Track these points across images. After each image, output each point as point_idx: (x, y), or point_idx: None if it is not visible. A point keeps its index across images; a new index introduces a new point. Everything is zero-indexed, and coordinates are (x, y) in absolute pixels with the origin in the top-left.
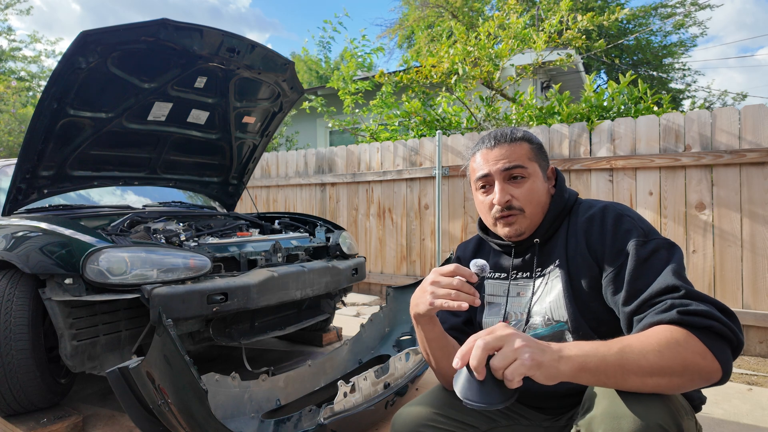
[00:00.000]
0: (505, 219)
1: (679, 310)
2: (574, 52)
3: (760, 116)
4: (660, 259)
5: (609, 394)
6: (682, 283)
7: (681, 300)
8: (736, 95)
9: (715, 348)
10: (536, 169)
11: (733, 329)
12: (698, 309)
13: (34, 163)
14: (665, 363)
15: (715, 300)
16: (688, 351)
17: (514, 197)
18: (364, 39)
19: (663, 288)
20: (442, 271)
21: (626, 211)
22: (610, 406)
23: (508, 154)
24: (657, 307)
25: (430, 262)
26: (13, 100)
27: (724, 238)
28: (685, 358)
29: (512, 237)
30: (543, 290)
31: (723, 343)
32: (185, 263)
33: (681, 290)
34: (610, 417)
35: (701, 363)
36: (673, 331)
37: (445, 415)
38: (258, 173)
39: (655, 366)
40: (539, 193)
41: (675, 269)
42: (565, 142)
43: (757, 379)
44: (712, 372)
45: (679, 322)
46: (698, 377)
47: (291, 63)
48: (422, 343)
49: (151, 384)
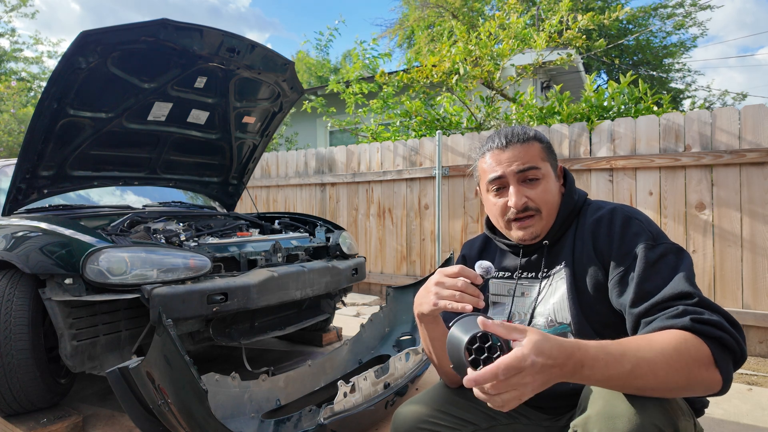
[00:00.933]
0: (521, 222)
1: (692, 317)
2: (574, 52)
3: (760, 116)
4: (668, 263)
5: (605, 394)
6: (695, 290)
7: (694, 308)
8: (736, 95)
9: (721, 360)
10: (549, 169)
11: (740, 342)
12: (711, 319)
13: (34, 163)
14: (671, 378)
15: (724, 310)
16: (695, 363)
17: (530, 199)
18: (374, 42)
19: (676, 293)
20: (446, 271)
21: (635, 214)
22: (605, 407)
23: (522, 155)
24: (669, 312)
25: (430, 262)
26: (13, 100)
27: (724, 238)
28: (690, 370)
29: (527, 240)
30: (547, 291)
31: (728, 356)
32: (185, 263)
33: (694, 297)
34: (605, 417)
35: (704, 375)
36: (685, 338)
37: (445, 412)
38: (258, 173)
39: (661, 382)
40: (553, 194)
41: (687, 276)
42: (565, 142)
43: (757, 379)
44: (713, 384)
45: (692, 329)
46: (700, 388)
47: (291, 63)
48: (425, 342)
49: (151, 384)
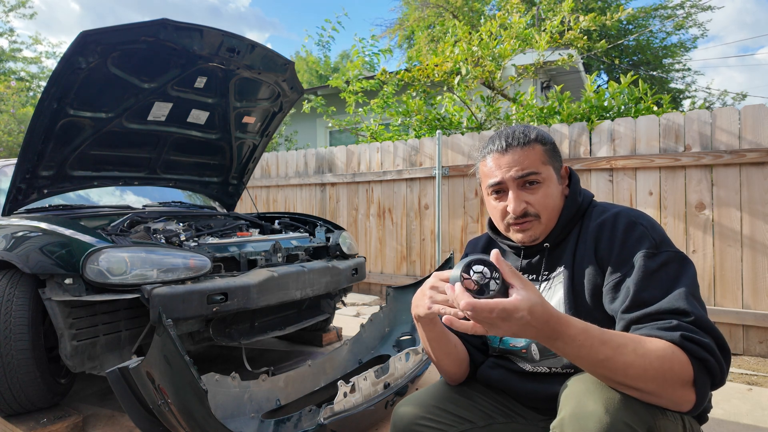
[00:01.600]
0: (520, 225)
1: (683, 334)
2: (575, 52)
3: (760, 116)
4: (669, 273)
5: (577, 393)
6: (693, 309)
7: (689, 325)
8: (735, 95)
9: (701, 382)
10: (550, 173)
11: (723, 369)
12: (702, 340)
13: (34, 163)
14: (640, 382)
15: (718, 334)
16: (674, 377)
17: (530, 204)
18: (373, 39)
19: (672, 309)
20: (441, 276)
21: (640, 219)
22: (576, 407)
23: (522, 159)
24: (661, 323)
25: (430, 262)
26: (12, 100)
27: (724, 238)
28: (666, 382)
29: (526, 243)
30: (546, 294)
31: (708, 380)
32: (185, 263)
33: (690, 316)
34: (576, 417)
35: (679, 392)
36: (672, 351)
37: (444, 410)
38: (258, 173)
39: (629, 378)
40: (554, 198)
41: (688, 291)
42: (565, 142)
43: (757, 379)
44: (684, 402)
45: (681, 345)
46: (667, 401)
47: (291, 63)
48: (424, 341)
49: (151, 384)
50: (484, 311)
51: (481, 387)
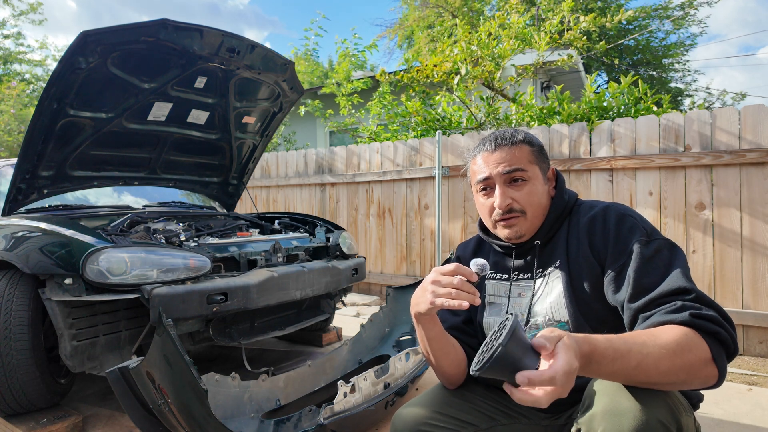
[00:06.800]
0: (506, 221)
1: (691, 312)
2: (575, 52)
3: (760, 116)
4: (663, 258)
5: (609, 392)
6: (692, 286)
7: (692, 303)
8: (735, 95)
9: (718, 355)
10: (537, 172)
11: (734, 337)
12: (708, 314)
13: (34, 163)
14: (672, 373)
15: (718, 305)
16: (696, 358)
17: (515, 200)
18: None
19: (674, 289)
20: (442, 270)
21: (628, 211)
22: (610, 404)
23: (509, 157)
24: (667, 307)
25: (430, 262)
26: (13, 100)
27: (724, 238)
28: (692, 366)
29: (512, 239)
30: (543, 291)
31: (722, 350)
32: (185, 263)
33: (692, 293)
34: (610, 414)
35: (704, 370)
36: (686, 333)
37: (445, 414)
38: (258, 173)
39: (663, 376)
40: (539, 196)
41: (683, 272)
42: (565, 142)
43: (756, 379)
44: (710, 378)
45: (691, 324)
46: (698, 382)
47: (291, 63)
48: (423, 342)
49: (151, 384)
50: (544, 382)
51: (481, 389)
